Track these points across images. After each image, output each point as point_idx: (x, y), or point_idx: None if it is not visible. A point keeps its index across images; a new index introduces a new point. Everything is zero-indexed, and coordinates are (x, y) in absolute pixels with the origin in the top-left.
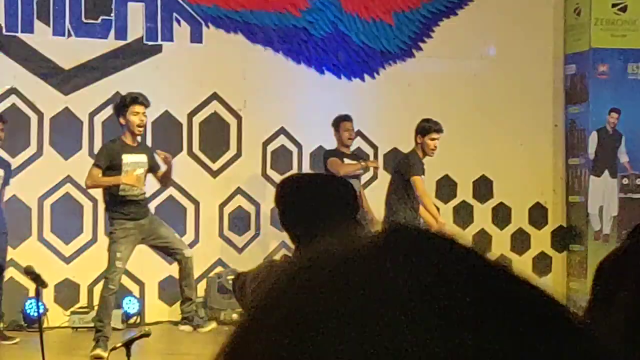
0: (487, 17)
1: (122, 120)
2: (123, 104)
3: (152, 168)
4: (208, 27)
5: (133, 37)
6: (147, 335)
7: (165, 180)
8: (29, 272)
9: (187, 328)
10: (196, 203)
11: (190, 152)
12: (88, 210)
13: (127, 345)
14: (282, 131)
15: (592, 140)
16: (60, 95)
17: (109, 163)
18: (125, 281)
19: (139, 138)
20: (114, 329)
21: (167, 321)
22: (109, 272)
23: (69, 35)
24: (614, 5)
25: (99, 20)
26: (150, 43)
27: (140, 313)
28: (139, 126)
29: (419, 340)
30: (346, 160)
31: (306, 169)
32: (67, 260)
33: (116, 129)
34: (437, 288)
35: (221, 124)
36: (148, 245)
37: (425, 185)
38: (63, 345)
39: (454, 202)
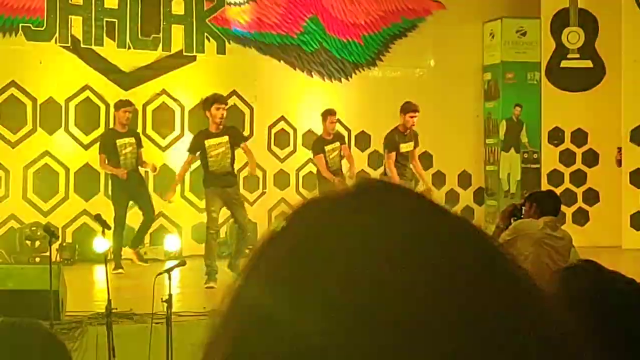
0: (429, 38)
1: (207, 115)
2: (209, 102)
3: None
4: (230, 43)
5: (175, 49)
6: (183, 264)
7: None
8: (98, 219)
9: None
10: None
11: None
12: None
13: (169, 271)
14: (282, 118)
15: (502, 126)
16: (122, 90)
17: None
18: (168, 225)
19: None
20: (158, 260)
21: (198, 255)
22: (208, 221)
23: (129, 47)
24: (517, 31)
25: (151, 37)
26: (187, 54)
27: (179, 249)
28: (220, 118)
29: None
30: (327, 147)
31: (299, 146)
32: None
33: (159, 114)
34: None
35: (239, 113)
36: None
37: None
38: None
39: None
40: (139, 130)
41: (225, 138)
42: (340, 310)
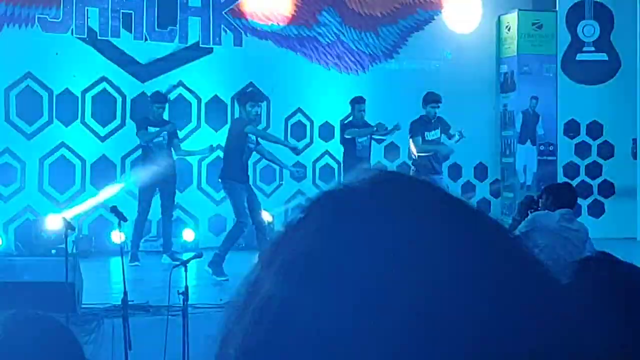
0: (445, 30)
1: (241, 109)
2: (244, 98)
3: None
4: (247, 35)
5: (192, 41)
6: (199, 256)
7: None
8: (114, 211)
9: None
10: None
11: None
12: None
13: (185, 263)
14: (299, 110)
15: (519, 118)
16: (138, 82)
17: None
18: (184, 217)
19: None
20: (176, 252)
21: (213, 247)
22: (241, 215)
23: (146, 39)
24: (533, 24)
25: (167, 29)
26: (204, 46)
27: (196, 241)
28: (254, 115)
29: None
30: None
31: (315, 138)
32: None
33: (176, 106)
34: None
35: None
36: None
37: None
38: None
39: None
40: None
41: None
42: (356, 305)
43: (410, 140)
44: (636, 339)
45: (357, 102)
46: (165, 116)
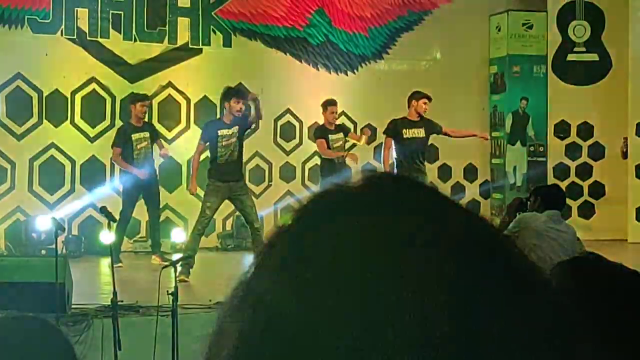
0: (435, 31)
1: (225, 106)
2: (229, 94)
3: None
4: (236, 35)
5: (181, 42)
6: (189, 257)
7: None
8: (104, 211)
9: None
10: None
11: None
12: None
13: (174, 264)
14: (288, 111)
15: (508, 119)
16: (128, 83)
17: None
18: (174, 217)
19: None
20: (165, 253)
21: (203, 248)
22: (199, 217)
23: (135, 40)
24: (523, 24)
25: (157, 30)
26: (193, 46)
27: (185, 241)
28: (237, 111)
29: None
30: (331, 136)
31: (304, 139)
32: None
33: (165, 107)
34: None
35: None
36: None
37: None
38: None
39: None
40: None
41: (236, 129)
42: (348, 308)
43: (388, 139)
44: (623, 339)
45: (329, 104)
46: (155, 117)
